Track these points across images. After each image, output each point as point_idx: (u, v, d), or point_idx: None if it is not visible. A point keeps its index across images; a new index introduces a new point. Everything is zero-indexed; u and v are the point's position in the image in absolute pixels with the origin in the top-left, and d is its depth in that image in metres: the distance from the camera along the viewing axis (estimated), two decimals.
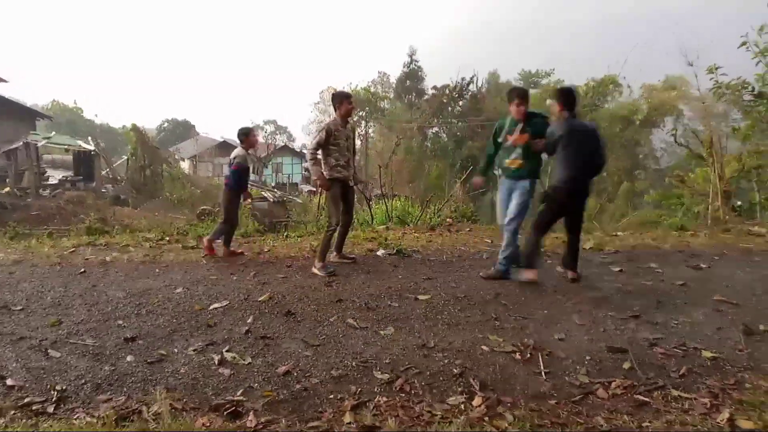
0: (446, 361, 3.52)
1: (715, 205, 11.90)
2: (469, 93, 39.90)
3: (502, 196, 5.60)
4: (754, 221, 9.59)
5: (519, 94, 5.57)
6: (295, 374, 3.33)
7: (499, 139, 5.61)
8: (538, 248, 5.48)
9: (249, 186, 7.24)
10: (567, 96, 5.36)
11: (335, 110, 5.84)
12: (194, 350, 3.68)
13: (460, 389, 3.15)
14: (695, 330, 4.13)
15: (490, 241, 7.29)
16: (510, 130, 5.54)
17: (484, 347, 3.74)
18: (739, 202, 14.27)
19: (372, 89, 49.01)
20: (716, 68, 13.38)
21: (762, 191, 14.77)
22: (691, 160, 16.48)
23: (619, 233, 8.00)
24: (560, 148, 5.18)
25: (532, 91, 39.96)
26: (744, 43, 12.81)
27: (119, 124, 66.14)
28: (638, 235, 7.63)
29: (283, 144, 57.75)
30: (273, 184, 39.68)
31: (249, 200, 7.60)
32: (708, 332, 4.08)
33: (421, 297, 4.81)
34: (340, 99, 5.84)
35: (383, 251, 6.62)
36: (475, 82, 40.73)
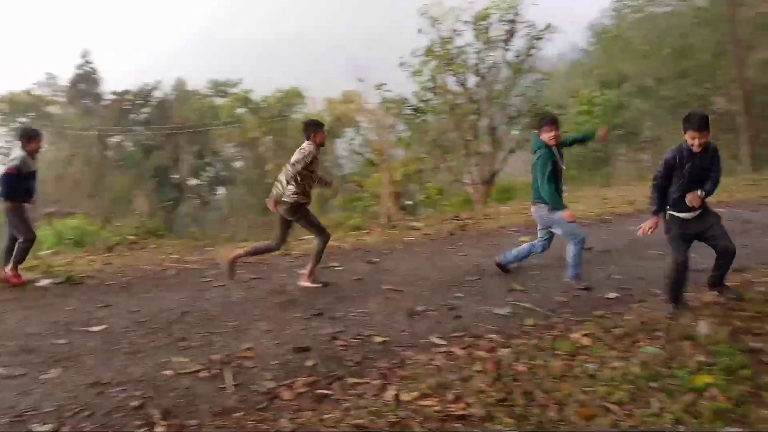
0: (124, 395, 3.20)
1: (387, 205, 13.58)
2: (154, 100, 37.78)
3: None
4: (415, 217, 11.20)
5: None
6: None
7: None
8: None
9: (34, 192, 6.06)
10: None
11: (308, 138, 5.67)
12: None
13: (139, 423, 2.89)
14: (369, 319, 4.58)
15: (178, 257, 6.94)
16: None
17: (168, 372, 3.51)
18: (409, 202, 16.60)
19: (37, 92, 42.44)
20: (382, 85, 15.29)
21: (422, 191, 17.45)
22: (367, 166, 18.50)
23: (304, 237, 8.46)
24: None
25: (223, 101, 39.78)
26: (402, 64, 14.90)
27: None
28: None
29: None
30: None
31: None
32: (379, 319, 4.57)
33: (94, 328, 4.29)
34: (315, 128, 5.74)
35: (46, 281, 5.71)
36: (160, 88, 38.76)
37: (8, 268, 5.77)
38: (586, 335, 3.94)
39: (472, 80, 15.36)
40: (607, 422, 2.74)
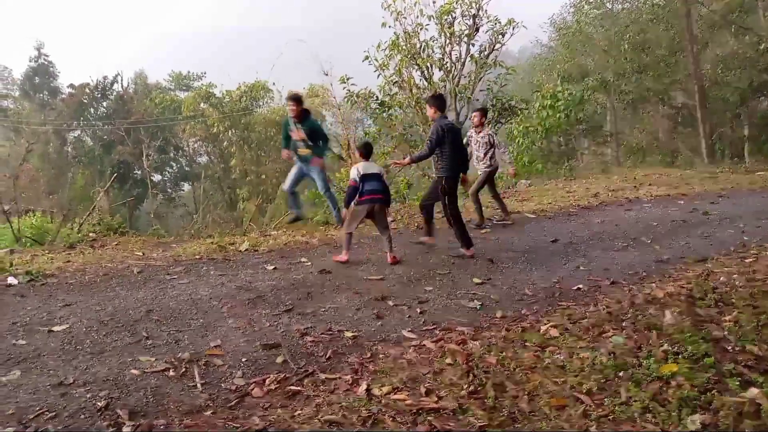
0: (89, 395, 3.11)
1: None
2: (114, 93, 36.79)
3: (296, 171, 7.93)
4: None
5: (292, 98, 7.72)
6: None
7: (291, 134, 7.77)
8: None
9: None
10: (440, 100, 6.47)
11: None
12: None
13: (106, 423, 2.82)
14: (339, 314, 4.55)
15: (141, 254, 6.77)
16: (292, 129, 7.73)
17: (134, 371, 3.42)
18: None
19: None
20: (347, 79, 15.16)
21: (391, 186, 17.47)
22: (335, 161, 18.37)
23: (273, 232, 8.37)
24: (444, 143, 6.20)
25: (186, 94, 38.93)
26: (366, 58, 14.80)
27: None
28: (290, 233, 8.11)
29: None
30: None
31: None
32: (350, 314, 4.55)
33: (56, 328, 4.14)
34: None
35: (14, 279, 5.49)
36: (120, 81, 37.75)
37: None
38: (554, 326, 4.01)
39: (437, 74, 15.39)
40: (578, 412, 2.79)
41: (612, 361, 3.30)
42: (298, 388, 3.24)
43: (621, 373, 3.16)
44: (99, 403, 3.01)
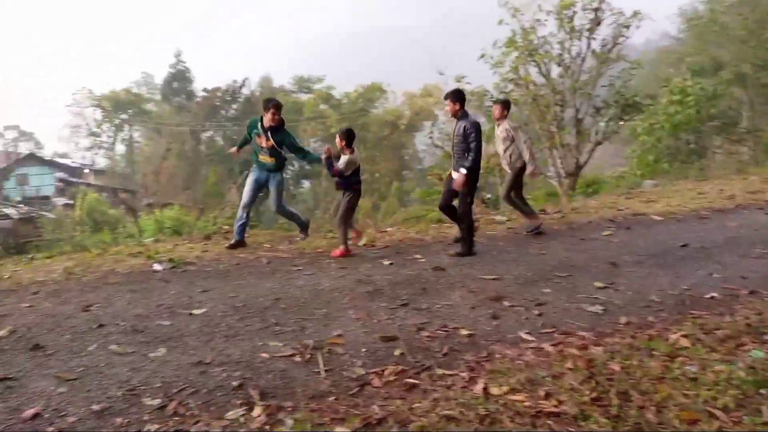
0: (224, 375, 3.39)
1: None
2: (242, 97, 39.34)
3: (252, 182, 7.20)
4: (497, 211, 11.01)
5: (275, 105, 7.19)
6: (47, 416, 2.89)
7: (257, 138, 7.15)
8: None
9: None
10: (462, 94, 6.47)
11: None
12: None
13: (239, 402, 3.05)
14: (454, 311, 4.57)
15: (269, 246, 7.22)
16: (258, 133, 7.14)
17: (264, 354, 3.68)
18: (488, 195, 16.33)
19: (135, 90, 45.42)
20: (462, 78, 15.11)
21: (504, 184, 17.11)
22: (447, 159, 18.35)
23: (388, 229, 8.57)
24: (472, 138, 6.18)
25: (306, 96, 40.74)
26: (483, 56, 14.66)
27: None
28: (405, 230, 8.26)
29: (28, 152, 50.06)
30: (18, 199, 34.43)
31: None
32: (464, 312, 4.55)
33: (195, 312, 4.55)
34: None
35: (159, 265, 6.11)
36: (247, 85, 40.28)
37: None
38: (684, 336, 3.77)
39: (555, 71, 14.92)
40: (713, 428, 2.62)
41: (751, 377, 3.05)
42: (416, 381, 3.30)
43: (762, 390, 2.92)
44: (233, 383, 3.26)
